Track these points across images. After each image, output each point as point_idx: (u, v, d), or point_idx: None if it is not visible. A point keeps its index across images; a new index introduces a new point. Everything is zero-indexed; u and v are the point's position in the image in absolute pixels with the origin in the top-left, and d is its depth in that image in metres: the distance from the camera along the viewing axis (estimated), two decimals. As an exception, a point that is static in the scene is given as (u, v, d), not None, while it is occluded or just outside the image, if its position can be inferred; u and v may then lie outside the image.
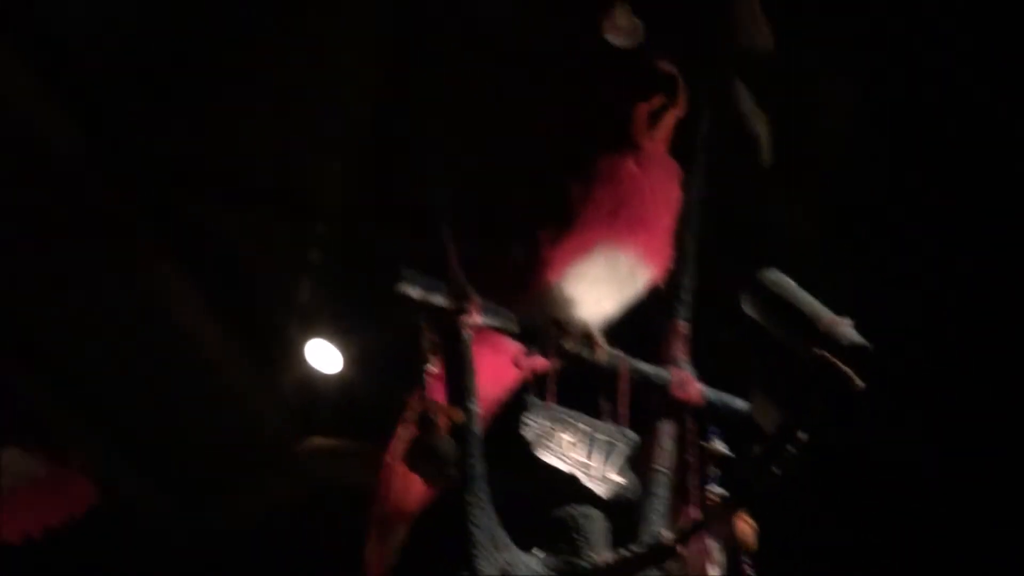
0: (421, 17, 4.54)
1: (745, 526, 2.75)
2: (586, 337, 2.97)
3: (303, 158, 4.96)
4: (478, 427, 2.78)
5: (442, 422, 2.73)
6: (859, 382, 2.50)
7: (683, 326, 2.94)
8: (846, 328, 2.54)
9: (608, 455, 2.81)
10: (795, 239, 4.65)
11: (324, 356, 4.91)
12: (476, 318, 2.87)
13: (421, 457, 2.72)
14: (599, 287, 2.97)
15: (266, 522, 5.62)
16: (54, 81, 4.66)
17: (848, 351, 2.50)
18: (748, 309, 2.63)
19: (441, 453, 2.70)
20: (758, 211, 4.45)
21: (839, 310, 2.60)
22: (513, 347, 2.93)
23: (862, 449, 4.74)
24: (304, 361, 4.87)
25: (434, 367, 2.82)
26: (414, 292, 2.85)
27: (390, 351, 4.59)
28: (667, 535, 2.68)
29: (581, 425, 2.83)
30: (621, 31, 2.96)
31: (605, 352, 2.93)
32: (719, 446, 2.84)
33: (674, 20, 3.17)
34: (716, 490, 2.79)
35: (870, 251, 4.73)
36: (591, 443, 2.82)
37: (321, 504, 5.42)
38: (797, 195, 4.67)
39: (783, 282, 2.63)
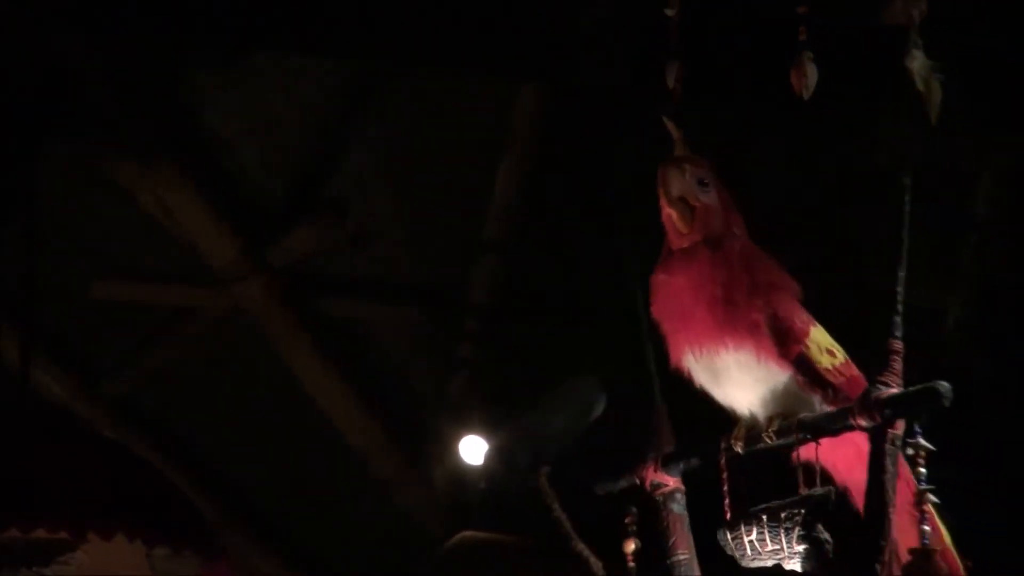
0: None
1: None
2: (749, 429, 2.94)
3: (454, 256, 5.02)
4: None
5: None
6: None
7: (897, 344, 2.85)
8: None
9: (793, 528, 2.78)
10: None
11: (474, 449, 4.93)
12: (663, 479, 2.96)
13: None
14: (715, 387, 2.94)
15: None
16: (217, 200, 4.86)
17: None
18: None
19: None
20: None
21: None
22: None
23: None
24: (455, 455, 4.89)
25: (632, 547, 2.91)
26: (605, 487, 2.98)
27: (538, 442, 4.60)
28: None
29: (764, 516, 2.81)
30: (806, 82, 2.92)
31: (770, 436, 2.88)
32: (922, 441, 2.74)
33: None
34: (931, 497, 2.70)
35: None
36: (777, 526, 2.79)
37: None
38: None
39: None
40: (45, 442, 3.41)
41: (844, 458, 2.89)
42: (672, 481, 3.01)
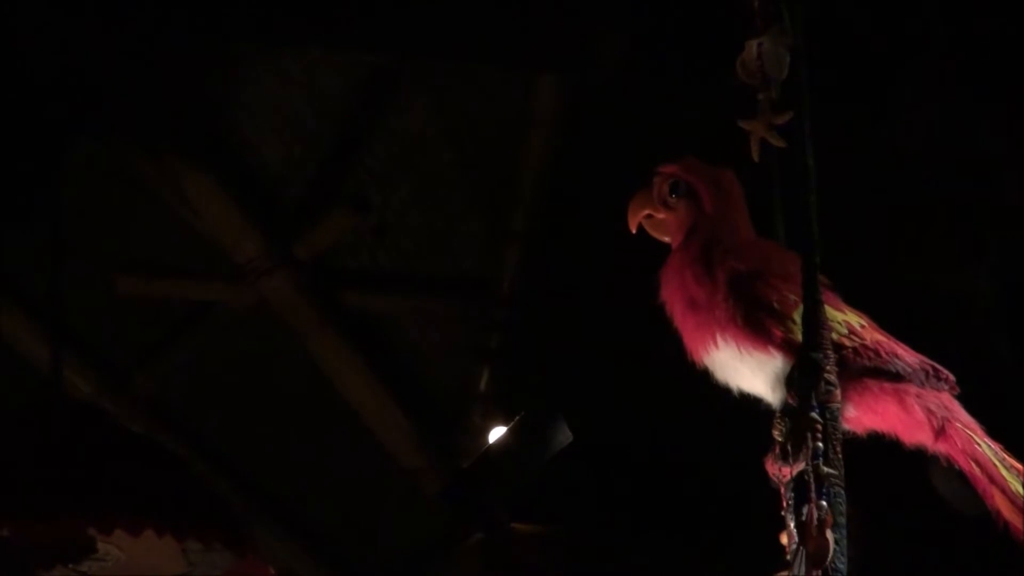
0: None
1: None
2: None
3: (480, 247, 5.02)
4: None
5: None
6: None
7: None
8: None
9: None
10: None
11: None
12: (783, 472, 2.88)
13: None
14: (731, 382, 2.91)
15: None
16: (241, 195, 4.88)
17: None
18: None
19: None
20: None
21: None
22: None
23: None
24: (485, 446, 4.89)
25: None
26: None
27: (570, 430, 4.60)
28: None
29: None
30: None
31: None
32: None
33: None
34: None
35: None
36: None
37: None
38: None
39: None
40: (73, 438, 3.43)
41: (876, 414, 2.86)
42: (787, 471, 2.88)
